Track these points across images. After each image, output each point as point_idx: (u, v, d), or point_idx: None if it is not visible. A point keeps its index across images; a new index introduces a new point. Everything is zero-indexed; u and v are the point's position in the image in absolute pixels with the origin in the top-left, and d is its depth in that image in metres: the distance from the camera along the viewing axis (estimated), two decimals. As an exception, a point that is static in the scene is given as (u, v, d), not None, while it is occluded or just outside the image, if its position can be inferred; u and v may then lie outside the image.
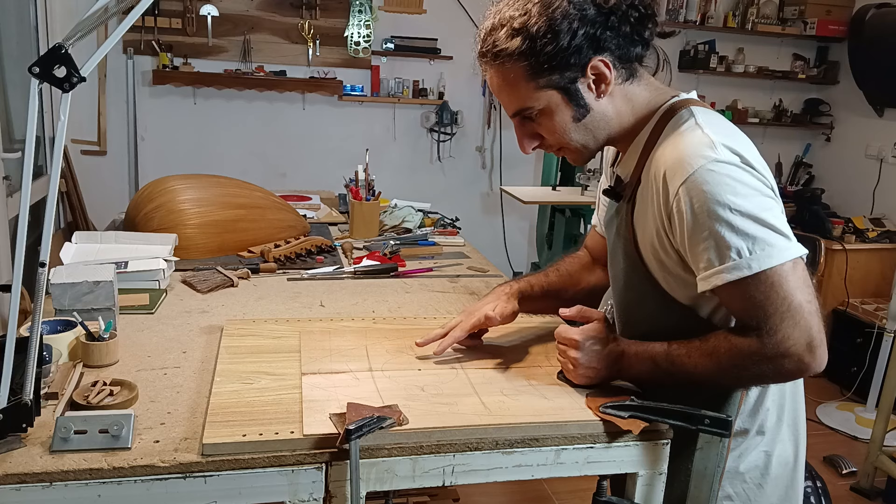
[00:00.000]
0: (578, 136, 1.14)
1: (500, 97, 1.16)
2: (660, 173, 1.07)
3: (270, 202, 2.18)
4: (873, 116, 4.42)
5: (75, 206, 3.63)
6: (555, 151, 1.20)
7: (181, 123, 4.05)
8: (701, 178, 1.01)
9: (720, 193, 1.00)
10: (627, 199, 1.17)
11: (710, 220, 1.01)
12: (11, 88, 2.98)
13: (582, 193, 3.71)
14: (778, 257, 1.00)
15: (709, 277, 1.03)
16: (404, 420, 1.04)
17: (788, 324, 1.01)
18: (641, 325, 1.21)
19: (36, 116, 0.93)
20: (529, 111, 1.13)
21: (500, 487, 2.77)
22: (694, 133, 1.06)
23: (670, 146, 1.07)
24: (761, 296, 1.01)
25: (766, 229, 1.01)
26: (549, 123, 1.13)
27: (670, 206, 1.05)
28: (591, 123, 1.13)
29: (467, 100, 4.43)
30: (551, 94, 1.10)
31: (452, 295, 1.79)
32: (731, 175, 1.01)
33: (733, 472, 1.19)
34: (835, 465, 3.06)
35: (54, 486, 0.93)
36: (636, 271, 1.17)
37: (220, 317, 1.53)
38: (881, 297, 3.94)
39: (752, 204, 1.01)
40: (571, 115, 1.11)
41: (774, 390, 1.19)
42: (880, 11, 4.25)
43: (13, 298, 0.94)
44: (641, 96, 1.15)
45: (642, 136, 1.15)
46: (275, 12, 4.01)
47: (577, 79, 1.09)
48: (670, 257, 1.11)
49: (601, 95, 1.11)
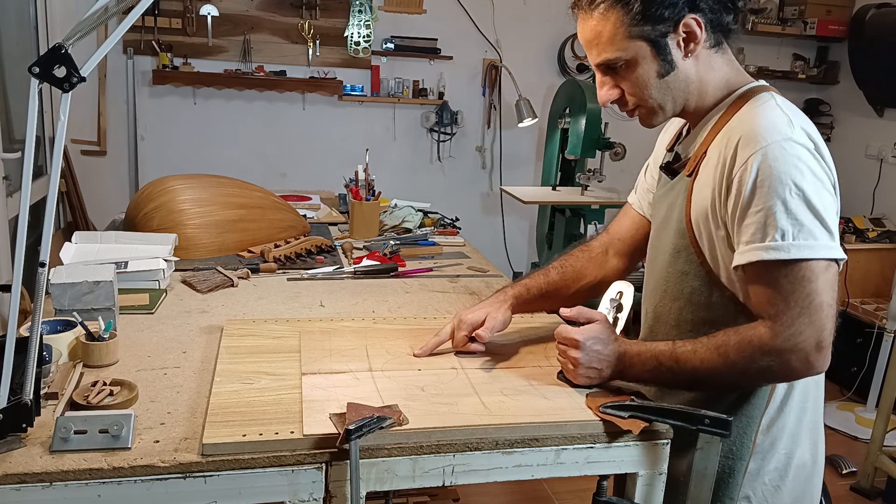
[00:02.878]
0: (658, 93, 1.14)
1: (590, 47, 1.15)
2: (732, 142, 1.07)
3: (270, 202, 2.18)
4: (873, 116, 4.42)
5: (75, 206, 3.63)
6: (629, 111, 1.20)
7: (181, 123, 4.05)
8: (772, 153, 1.02)
9: (786, 172, 1.01)
10: (690, 172, 1.17)
11: (768, 196, 1.02)
12: (11, 88, 2.98)
13: (582, 193, 3.70)
14: (818, 251, 1.01)
15: (746, 252, 1.05)
16: (404, 420, 1.04)
17: (804, 320, 1.03)
18: (678, 301, 1.20)
19: (36, 116, 0.93)
20: (616, 61, 1.13)
21: (500, 487, 2.77)
22: (774, 110, 1.08)
23: (748, 118, 1.08)
24: (788, 286, 1.03)
25: (816, 221, 1.02)
26: (634, 76, 1.13)
27: (733, 174, 1.06)
28: (674, 83, 1.13)
29: (467, 100, 4.43)
30: (641, 46, 1.10)
31: (452, 295, 1.79)
32: (801, 158, 1.02)
33: (754, 473, 1.20)
34: (835, 465, 3.06)
35: (54, 486, 0.93)
36: (685, 245, 1.17)
37: (220, 317, 1.53)
38: (881, 297, 3.94)
39: (812, 192, 1.02)
40: (657, 69, 1.12)
41: (798, 393, 1.19)
42: (880, 11, 4.24)
43: (13, 298, 0.94)
44: (722, 71, 1.16)
45: (715, 112, 1.16)
46: (275, 12, 4.00)
47: (668, 34, 1.10)
48: (719, 229, 1.11)
49: (688, 55, 1.12)
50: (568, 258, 1.45)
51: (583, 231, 3.62)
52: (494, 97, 4.44)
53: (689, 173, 1.17)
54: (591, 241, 1.48)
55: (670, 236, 1.21)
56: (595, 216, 3.54)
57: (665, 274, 1.23)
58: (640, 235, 1.42)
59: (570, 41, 4.45)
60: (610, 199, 3.61)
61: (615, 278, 1.42)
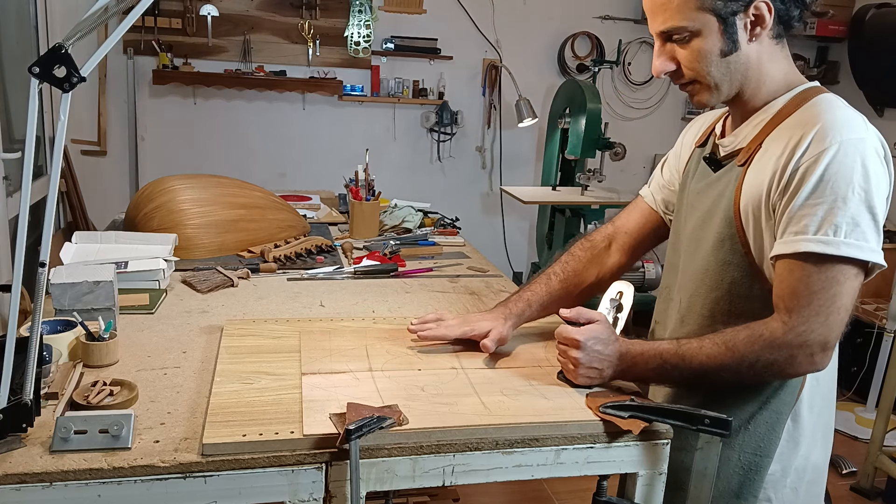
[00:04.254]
0: (718, 71, 1.13)
1: (656, 13, 1.13)
2: (806, 134, 1.06)
3: (270, 202, 2.18)
4: (873, 116, 4.42)
5: (75, 206, 3.63)
6: (683, 86, 1.18)
7: (181, 123, 4.05)
8: (845, 150, 1.03)
9: (854, 170, 1.02)
10: (742, 162, 1.17)
11: (833, 191, 1.03)
12: (11, 88, 2.98)
13: (582, 193, 3.70)
14: (863, 253, 1.02)
15: (793, 241, 1.05)
16: (404, 420, 1.04)
17: (819, 319, 1.04)
18: (715, 291, 1.20)
19: (36, 116, 0.93)
20: (681, 31, 1.11)
21: (500, 487, 2.77)
22: (848, 110, 1.09)
23: (823, 112, 1.08)
24: (818, 283, 1.04)
25: (871, 225, 1.03)
26: (696, 49, 1.12)
27: (800, 163, 1.06)
28: (734, 64, 1.13)
29: (467, 100, 4.43)
30: (709, 19, 1.10)
31: (452, 295, 1.79)
32: (870, 159, 1.03)
33: (778, 475, 1.20)
34: (835, 465, 3.06)
35: (54, 486, 0.93)
36: (730, 234, 1.17)
37: (220, 317, 1.53)
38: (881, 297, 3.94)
39: (874, 195, 1.03)
40: (721, 46, 1.11)
41: (817, 396, 1.20)
42: (880, 11, 4.24)
43: (13, 298, 0.94)
44: (781, 64, 1.16)
45: (773, 105, 1.16)
46: (275, 12, 4.00)
47: (738, 13, 1.09)
48: (770, 219, 1.11)
49: (753, 38, 1.12)
50: (569, 259, 1.44)
51: (583, 231, 3.62)
52: (494, 97, 4.44)
53: (742, 163, 1.17)
54: (593, 233, 1.47)
55: (716, 225, 1.20)
56: (595, 216, 3.54)
57: (705, 263, 1.22)
58: (648, 230, 1.42)
59: (570, 41, 4.45)
60: (610, 199, 3.61)
61: (615, 275, 1.42)
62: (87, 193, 3.77)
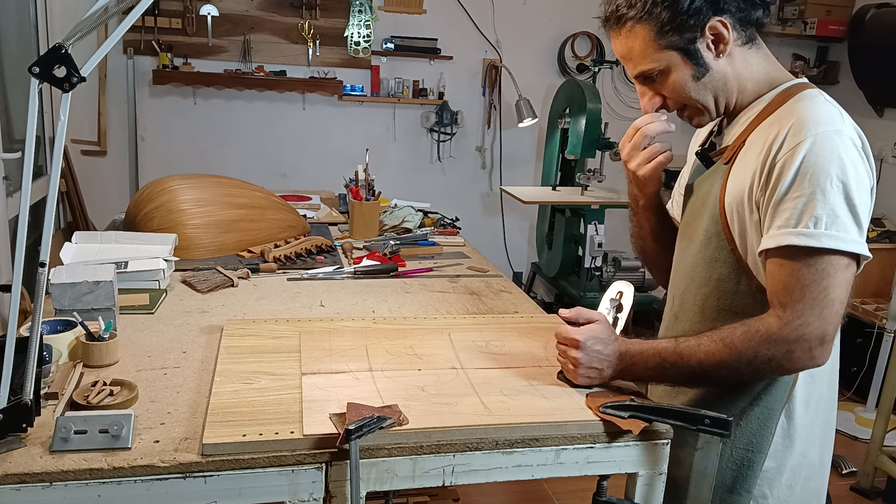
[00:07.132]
0: (699, 94, 1.16)
1: (625, 61, 1.20)
2: (782, 129, 1.08)
3: (270, 202, 2.18)
4: (873, 116, 4.41)
5: (75, 206, 3.63)
6: (679, 113, 1.23)
7: (181, 123, 4.05)
8: (820, 142, 1.04)
9: (832, 162, 1.03)
10: (727, 160, 1.18)
11: (811, 184, 1.03)
12: (11, 88, 2.98)
13: (582, 193, 3.70)
14: (846, 244, 1.03)
15: (776, 235, 1.06)
16: (404, 420, 1.04)
17: (815, 313, 1.04)
18: (704, 288, 1.21)
19: (36, 116, 0.93)
20: (651, 72, 1.16)
21: (500, 487, 2.77)
22: (825, 104, 1.10)
23: (800, 108, 1.09)
24: (808, 276, 1.04)
25: (851, 216, 1.04)
26: (671, 83, 1.16)
27: (777, 159, 1.07)
28: (711, 83, 1.16)
29: (467, 100, 4.43)
30: (671, 55, 1.13)
31: (452, 295, 1.79)
32: (847, 151, 1.04)
33: (773, 472, 1.20)
34: (835, 465, 3.06)
35: (54, 486, 0.93)
36: (717, 231, 1.18)
37: (220, 317, 1.53)
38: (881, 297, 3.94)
39: (853, 186, 1.03)
40: (691, 73, 1.15)
41: (813, 394, 1.20)
42: (880, 11, 4.24)
43: (13, 298, 0.94)
44: (760, 66, 1.18)
45: (757, 105, 1.17)
46: (275, 12, 4.00)
47: (696, 39, 1.12)
48: (753, 214, 1.12)
49: (720, 55, 1.14)
50: None
51: (583, 231, 3.62)
52: (494, 97, 4.44)
53: (727, 161, 1.18)
54: None
55: (703, 222, 1.22)
56: (595, 216, 3.54)
57: (694, 260, 1.24)
58: None
59: (570, 41, 4.45)
60: (610, 199, 3.61)
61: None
62: (87, 193, 3.77)
